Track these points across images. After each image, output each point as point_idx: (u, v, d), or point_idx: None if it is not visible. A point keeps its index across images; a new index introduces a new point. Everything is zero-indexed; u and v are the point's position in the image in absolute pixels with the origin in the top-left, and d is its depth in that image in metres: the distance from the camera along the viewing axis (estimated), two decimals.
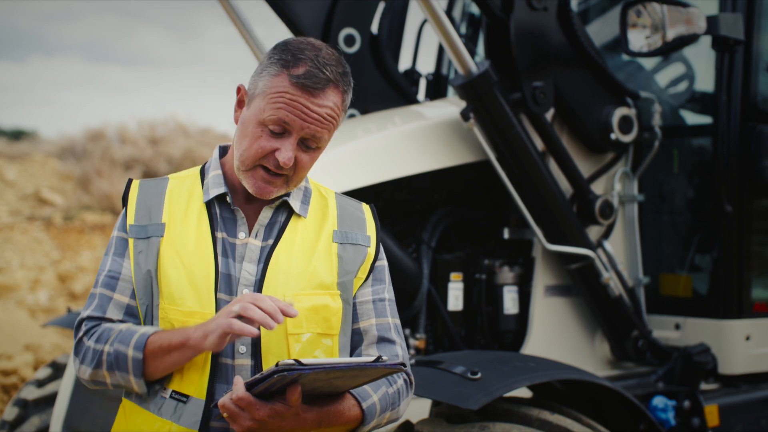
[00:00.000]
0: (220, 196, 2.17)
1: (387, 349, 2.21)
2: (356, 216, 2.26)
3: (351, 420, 2.05)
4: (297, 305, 2.08)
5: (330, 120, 2.08)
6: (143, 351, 2.03)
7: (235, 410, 1.90)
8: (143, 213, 2.16)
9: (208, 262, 2.10)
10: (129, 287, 2.14)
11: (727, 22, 3.85)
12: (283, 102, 2.05)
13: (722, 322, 4.15)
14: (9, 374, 7.52)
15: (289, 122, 2.05)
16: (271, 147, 2.07)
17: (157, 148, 21.48)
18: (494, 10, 3.75)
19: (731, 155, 4.08)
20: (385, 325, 2.22)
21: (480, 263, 3.98)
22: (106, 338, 2.09)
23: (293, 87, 2.05)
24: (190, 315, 2.07)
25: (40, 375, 4.70)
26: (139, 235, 2.14)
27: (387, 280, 2.26)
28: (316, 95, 2.05)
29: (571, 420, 3.07)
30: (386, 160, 3.71)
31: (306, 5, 4.10)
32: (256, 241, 2.14)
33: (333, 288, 2.14)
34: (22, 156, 21.51)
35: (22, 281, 12.65)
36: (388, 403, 2.13)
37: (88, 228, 16.79)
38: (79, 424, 3.83)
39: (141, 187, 2.21)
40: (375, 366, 1.90)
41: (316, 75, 2.04)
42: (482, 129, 3.75)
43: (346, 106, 2.14)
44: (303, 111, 2.05)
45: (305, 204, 2.21)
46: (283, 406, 1.91)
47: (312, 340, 2.11)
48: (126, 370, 2.06)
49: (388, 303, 2.25)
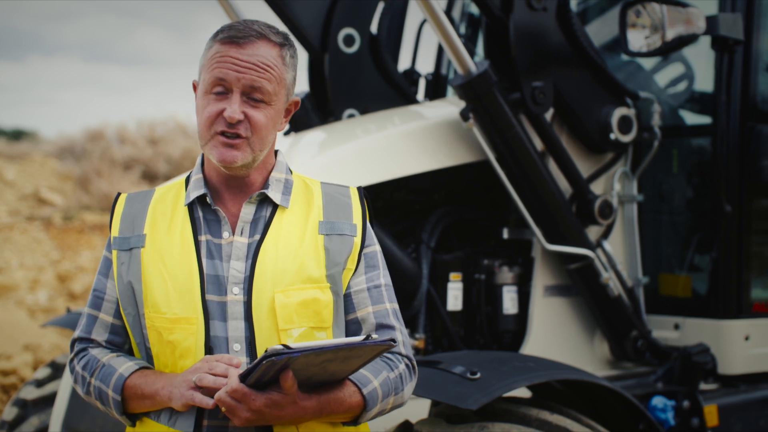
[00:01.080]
0: (201, 199, 2.18)
1: (386, 335, 2.19)
2: (342, 203, 2.24)
3: (353, 406, 2.04)
4: (287, 300, 2.08)
5: (266, 68, 2.09)
6: (121, 395, 2.10)
7: (232, 403, 1.91)
8: (127, 225, 2.19)
9: (191, 266, 2.10)
10: (112, 307, 2.19)
11: (727, 22, 3.85)
12: (215, 62, 2.09)
13: (721, 322, 4.15)
14: (8, 374, 7.52)
15: (224, 77, 2.07)
16: (218, 109, 2.08)
17: (156, 148, 21.47)
18: (493, 10, 3.75)
19: (731, 155, 4.08)
20: (382, 312, 2.21)
21: (479, 263, 3.98)
22: (91, 369, 2.16)
23: (221, 45, 2.09)
24: (175, 321, 2.09)
25: (40, 375, 4.70)
26: (122, 247, 2.17)
27: (381, 265, 2.24)
28: (243, 46, 2.08)
29: (570, 420, 3.07)
30: (386, 160, 3.71)
31: (305, 5, 4.10)
32: (242, 239, 2.13)
33: (322, 281, 2.13)
34: (21, 156, 21.51)
35: (21, 281, 12.65)
36: (391, 388, 2.12)
37: (87, 228, 16.78)
38: (78, 424, 3.83)
39: (127, 200, 2.25)
40: (364, 344, 1.89)
41: (241, 29, 2.09)
42: (481, 129, 3.75)
43: (289, 63, 2.14)
44: (233, 62, 2.07)
45: (287, 195, 2.20)
46: (279, 395, 1.92)
47: (305, 335, 2.10)
48: (110, 407, 2.15)
49: (384, 288, 2.23)
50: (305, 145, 4.02)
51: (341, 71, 4.27)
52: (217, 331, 2.09)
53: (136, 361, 2.15)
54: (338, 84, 4.27)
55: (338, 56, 4.24)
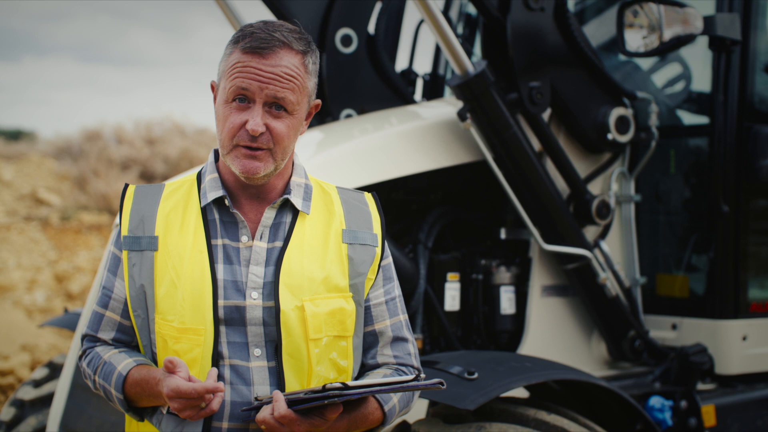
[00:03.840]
0: (219, 200, 2.14)
1: (401, 348, 2.23)
2: (362, 211, 2.23)
3: (374, 422, 2.11)
4: (316, 309, 2.08)
5: (289, 79, 2.05)
6: (122, 392, 2.09)
7: (276, 426, 1.94)
8: (136, 223, 2.14)
9: (203, 272, 2.07)
10: (120, 306, 2.16)
11: (724, 22, 3.86)
12: (237, 71, 2.04)
13: (719, 323, 4.15)
14: (6, 374, 7.52)
15: (247, 87, 2.04)
16: (240, 121, 2.05)
17: (153, 148, 21.45)
18: (491, 11, 3.75)
19: (728, 155, 4.08)
20: (398, 324, 2.24)
21: (477, 263, 3.98)
22: (94, 367, 2.14)
23: (244, 54, 2.05)
24: (183, 331, 2.06)
25: (37, 375, 4.69)
26: (133, 247, 2.12)
27: (394, 276, 2.27)
28: (266, 56, 2.04)
29: (567, 420, 3.07)
30: (383, 160, 3.71)
31: (303, 5, 4.10)
32: (262, 243, 2.11)
33: (346, 291, 2.13)
34: (18, 156, 21.47)
35: (18, 281, 12.64)
36: (405, 403, 2.19)
37: (84, 228, 16.76)
38: (75, 425, 3.82)
39: (136, 194, 2.19)
40: (416, 386, 1.96)
41: (264, 38, 2.04)
42: (479, 129, 3.75)
43: (311, 70, 2.11)
44: (257, 73, 2.03)
45: (307, 201, 2.18)
46: (321, 421, 1.96)
47: (329, 343, 2.11)
48: (116, 403, 2.13)
49: (398, 300, 2.26)
50: (303, 145, 4.02)
51: (338, 71, 4.27)
52: (234, 337, 2.07)
53: (134, 358, 2.12)
54: (335, 84, 4.26)
55: (335, 56, 4.24)
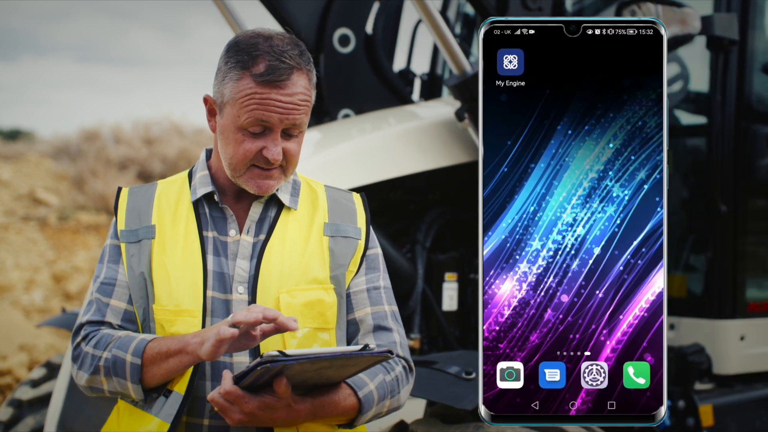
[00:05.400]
0: (208, 196, 2.18)
1: (384, 337, 2.19)
2: (347, 207, 2.26)
3: (348, 410, 2.03)
4: (291, 301, 2.09)
5: (304, 104, 2.09)
6: (141, 357, 2.02)
7: (225, 404, 1.91)
8: (133, 218, 2.17)
9: (195, 261, 2.10)
10: (125, 293, 2.14)
11: (722, 22, 3.86)
12: (255, 103, 2.05)
13: (717, 322, 4.15)
14: (3, 374, 7.51)
15: (267, 119, 2.06)
16: (256, 147, 2.08)
17: (151, 148, 21.45)
18: (489, 11, 3.75)
19: (726, 155, 4.09)
20: (381, 313, 2.21)
21: (474, 263, 3.98)
22: (105, 344, 2.07)
23: (260, 86, 2.05)
24: (177, 314, 2.07)
25: (35, 375, 4.69)
26: (130, 240, 2.15)
27: (381, 268, 2.25)
28: (284, 86, 2.05)
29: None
30: (381, 160, 3.71)
31: (300, 5, 4.10)
32: (248, 237, 2.14)
33: (326, 282, 2.14)
34: (16, 156, 21.47)
35: (16, 281, 12.63)
36: (387, 391, 2.11)
37: (83, 228, 16.77)
38: (73, 424, 3.82)
39: (130, 194, 2.23)
40: (361, 354, 1.86)
41: (278, 67, 2.05)
42: (477, 129, 3.75)
43: (314, 83, 2.15)
44: (277, 106, 2.05)
45: (295, 196, 2.21)
46: (272, 399, 1.91)
47: (309, 335, 2.11)
48: (124, 376, 2.04)
49: (383, 290, 2.24)
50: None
51: (336, 71, 4.26)
52: None
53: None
54: (333, 84, 4.26)
55: (333, 56, 4.24)
